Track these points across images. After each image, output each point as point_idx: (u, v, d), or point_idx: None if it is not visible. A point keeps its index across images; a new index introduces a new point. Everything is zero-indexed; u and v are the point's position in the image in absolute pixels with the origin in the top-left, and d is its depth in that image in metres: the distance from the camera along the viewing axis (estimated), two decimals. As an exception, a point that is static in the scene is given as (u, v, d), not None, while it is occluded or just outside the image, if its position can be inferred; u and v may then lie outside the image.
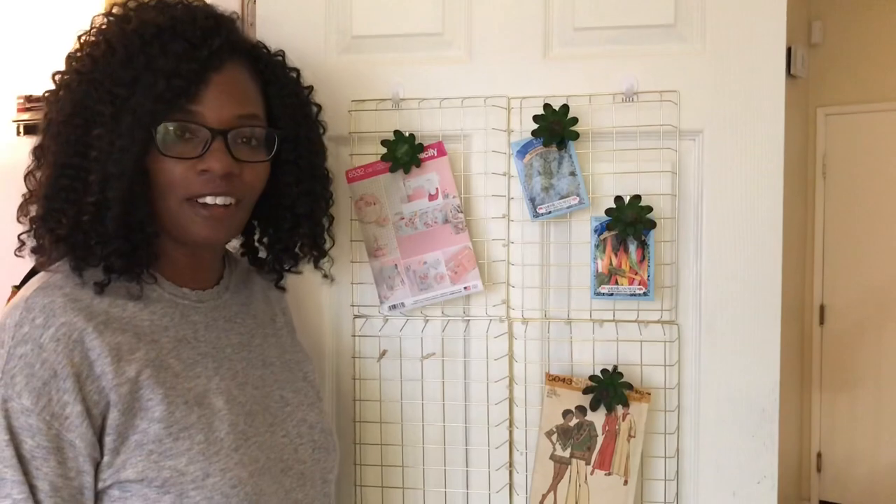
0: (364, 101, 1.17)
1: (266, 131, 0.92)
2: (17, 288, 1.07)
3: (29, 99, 3.00)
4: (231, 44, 0.90)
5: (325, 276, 1.14)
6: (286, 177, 0.97)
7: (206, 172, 0.86)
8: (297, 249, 1.04)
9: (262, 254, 1.06)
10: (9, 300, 1.04)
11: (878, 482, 3.85)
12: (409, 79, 1.17)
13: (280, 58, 1.00)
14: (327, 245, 1.07)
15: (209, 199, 0.87)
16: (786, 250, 1.10)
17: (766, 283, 1.12)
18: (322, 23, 1.19)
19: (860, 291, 3.85)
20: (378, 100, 1.17)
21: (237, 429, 0.87)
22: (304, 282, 1.16)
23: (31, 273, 1.06)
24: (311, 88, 1.05)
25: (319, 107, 1.05)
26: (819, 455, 3.97)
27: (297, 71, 1.02)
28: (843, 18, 3.78)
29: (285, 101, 0.97)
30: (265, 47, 0.99)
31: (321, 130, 1.05)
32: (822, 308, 3.93)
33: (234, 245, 1.08)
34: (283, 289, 1.11)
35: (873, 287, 3.83)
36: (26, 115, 2.98)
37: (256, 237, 1.06)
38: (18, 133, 2.98)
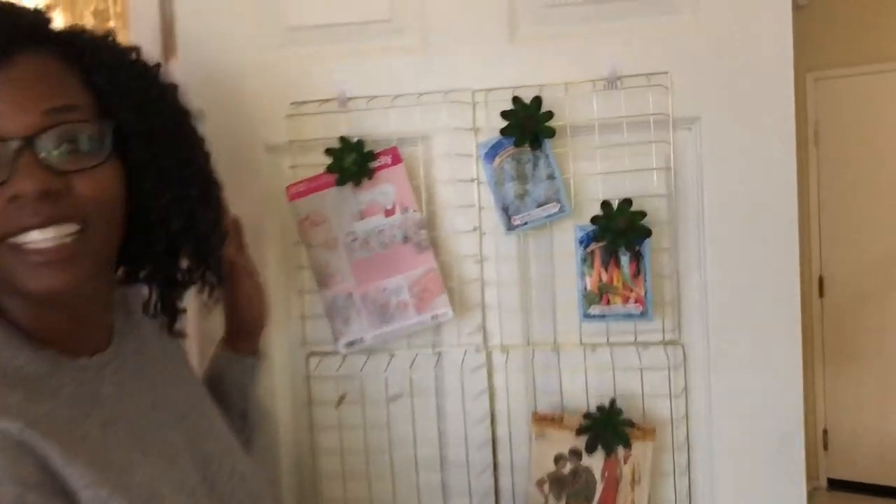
0: (304, 103, 1.03)
1: (92, 124, 0.70)
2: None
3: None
4: (22, 30, 0.69)
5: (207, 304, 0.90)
6: (146, 182, 0.75)
7: (18, 199, 0.65)
8: (182, 280, 0.83)
9: (145, 292, 0.84)
10: None
11: (886, 457, 3.78)
12: (355, 75, 1.03)
13: (109, 38, 0.78)
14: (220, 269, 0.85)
15: (35, 237, 0.66)
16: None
17: (782, 290, 0.98)
18: (251, 13, 1.06)
19: (860, 261, 3.78)
20: (320, 101, 1.03)
21: None
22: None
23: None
24: (158, 66, 0.81)
25: (176, 86, 0.81)
26: (825, 432, 3.89)
27: (137, 49, 0.79)
28: (829, -22, 3.66)
29: (121, 87, 0.75)
30: (85, 31, 0.76)
31: (188, 116, 0.82)
32: (821, 279, 3.85)
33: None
34: (181, 335, 0.89)
35: (873, 256, 3.76)
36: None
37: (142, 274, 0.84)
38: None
